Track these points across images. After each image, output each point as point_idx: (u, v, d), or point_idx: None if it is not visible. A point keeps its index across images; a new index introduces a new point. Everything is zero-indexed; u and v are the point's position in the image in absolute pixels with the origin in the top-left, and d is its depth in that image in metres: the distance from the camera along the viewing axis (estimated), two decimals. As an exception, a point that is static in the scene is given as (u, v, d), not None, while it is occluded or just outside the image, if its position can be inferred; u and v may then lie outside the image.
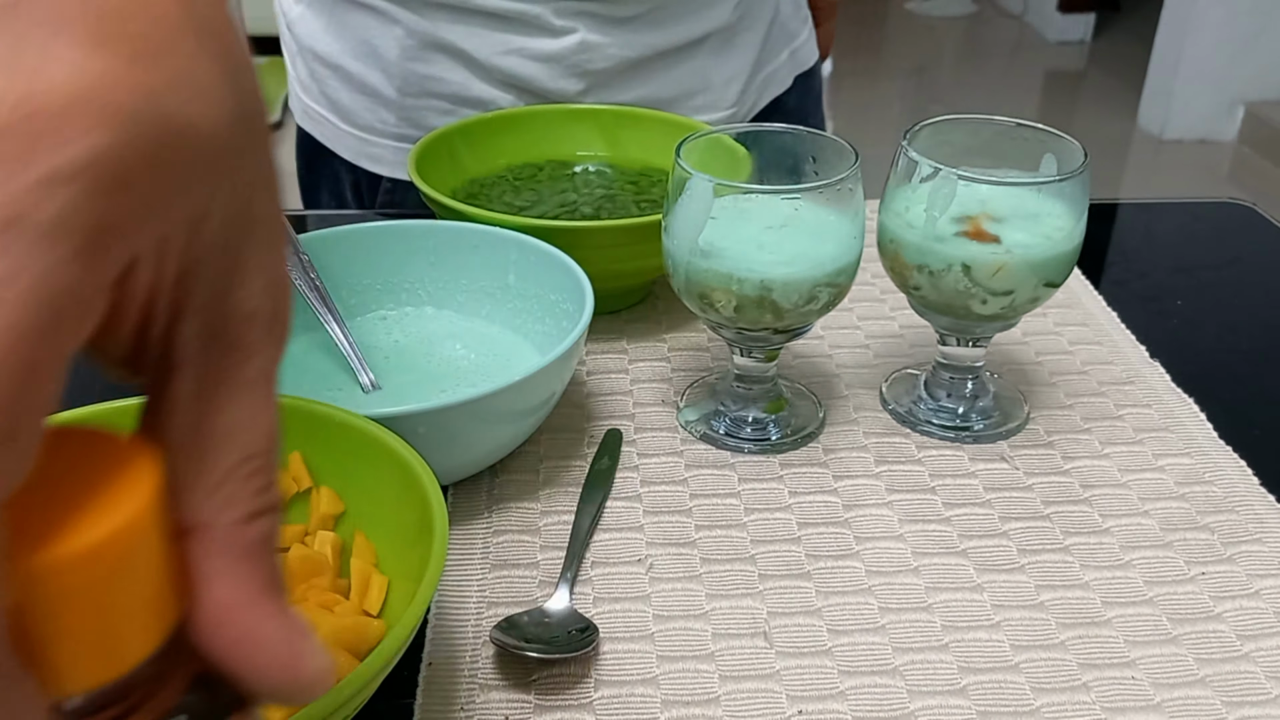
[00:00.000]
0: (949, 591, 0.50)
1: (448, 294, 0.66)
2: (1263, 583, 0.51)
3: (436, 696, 0.45)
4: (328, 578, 0.46)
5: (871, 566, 0.52)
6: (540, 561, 0.52)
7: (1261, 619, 0.49)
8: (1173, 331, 0.71)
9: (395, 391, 0.60)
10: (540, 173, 0.78)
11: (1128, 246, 0.82)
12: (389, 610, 0.45)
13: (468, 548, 0.52)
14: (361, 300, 0.65)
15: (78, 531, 0.20)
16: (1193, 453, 0.59)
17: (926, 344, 0.66)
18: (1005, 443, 0.60)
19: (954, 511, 0.55)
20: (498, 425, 0.53)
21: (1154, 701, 0.45)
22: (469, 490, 0.56)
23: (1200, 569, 0.52)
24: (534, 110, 0.80)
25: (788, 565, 0.52)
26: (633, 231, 0.64)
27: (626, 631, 0.48)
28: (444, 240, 0.65)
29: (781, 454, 0.59)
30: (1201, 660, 0.47)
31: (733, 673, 0.46)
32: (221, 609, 0.22)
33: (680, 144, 0.56)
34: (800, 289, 0.54)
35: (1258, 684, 0.46)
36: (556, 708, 0.45)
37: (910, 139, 0.58)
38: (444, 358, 0.63)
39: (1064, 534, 0.54)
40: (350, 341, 0.61)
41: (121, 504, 0.20)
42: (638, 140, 0.79)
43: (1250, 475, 0.58)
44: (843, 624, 0.48)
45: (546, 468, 0.57)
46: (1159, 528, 0.54)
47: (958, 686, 0.46)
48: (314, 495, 0.49)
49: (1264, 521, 0.54)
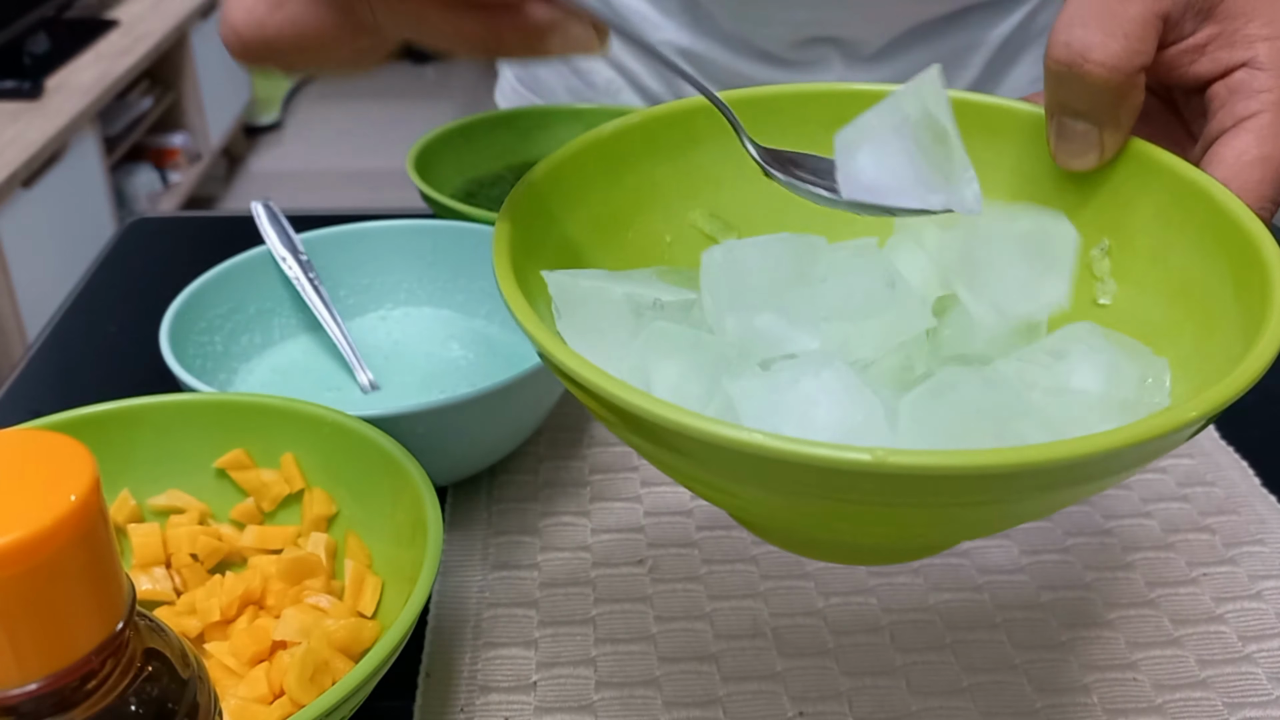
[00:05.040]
0: (950, 592, 0.50)
1: (448, 294, 0.65)
2: (1265, 584, 0.51)
3: (436, 697, 0.45)
4: (321, 579, 0.45)
5: (872, 567, 0.51)
6: (540, 562, 0.51)
7: (1264, 620, 0.49)
8: (1174, 331, 0.70)
9: (394, 391, 0.60)
10: (540, 172, 0.78)
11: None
12: (383, 611, 0.45)
13: (467, 548, 0.52)
14: (361, 300, 0.65)
15: (21, 523, 0.20)
16: (1194, 453, 0.59)
17: (927, 344, 0.66)
18: (1006, 443, 0.60)
19: (955, 512, 0.55)
20: (498, 425, 0.53)
21: (1156, 703, 0.45)
22: (468, 490, 0.56)
23: (1202, 570, 0.51)
24: (534, 110, 0.80)
25: (789, 566, 0.51)
26: (632, 231, 0.63)
27: (627, 632, 0.48)
28: (444, 240, 0.65)
29: (782, 454, 0.59)
30: (1203, 661, 0.47)
31: (734, 674, 0.46)
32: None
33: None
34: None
35: (1260, 685, 0.46)
36: (556, 709, 0.44)
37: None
38: (444, 358, 0.62)
39: (1065, 535, 0.53)
40: (349, 341, 0.61)
41: (63, 495, 0.21)
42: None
43: (1252, 476, 0.57)
44: (844, 625, 0.48)
45: (546, 468, 0.57)
46: (1160, 529, 0.54)
47: (959, 687, 0.45)
48: (306, 497, 0.49)
49: (1266, 522, 0.54)
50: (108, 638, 0.22)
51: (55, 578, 0.21)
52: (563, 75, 0.88)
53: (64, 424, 0.47)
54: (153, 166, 2.61)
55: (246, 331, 0.61)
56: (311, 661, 0.40)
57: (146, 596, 0.46)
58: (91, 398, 0.49)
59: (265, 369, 0.61)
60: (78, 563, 0.21)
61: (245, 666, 0.42)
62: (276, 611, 0.44)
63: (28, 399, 0.64)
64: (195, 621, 0.44)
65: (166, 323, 0.55)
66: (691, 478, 0.32)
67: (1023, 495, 0.29)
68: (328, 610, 0.44)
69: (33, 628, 0.21)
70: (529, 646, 0.47)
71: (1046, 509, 0.33)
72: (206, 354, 0.58)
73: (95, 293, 0.75)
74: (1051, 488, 0.29)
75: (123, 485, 0.48)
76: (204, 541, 0.47)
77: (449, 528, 0.53)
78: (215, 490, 0.49)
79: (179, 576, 0.47)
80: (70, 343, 0.70)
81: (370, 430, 0.47)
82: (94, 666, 0.22)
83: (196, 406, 0.49)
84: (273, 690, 0.41)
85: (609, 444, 0.59)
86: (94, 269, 0.78)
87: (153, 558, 0.46)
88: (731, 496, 0.32)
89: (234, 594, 0.44)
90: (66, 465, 0.22)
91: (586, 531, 0.53)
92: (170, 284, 0.59)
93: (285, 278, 0.63)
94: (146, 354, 0.55)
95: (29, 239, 1.91)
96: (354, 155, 3.16)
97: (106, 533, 0.22)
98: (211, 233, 0.87)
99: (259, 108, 3.27)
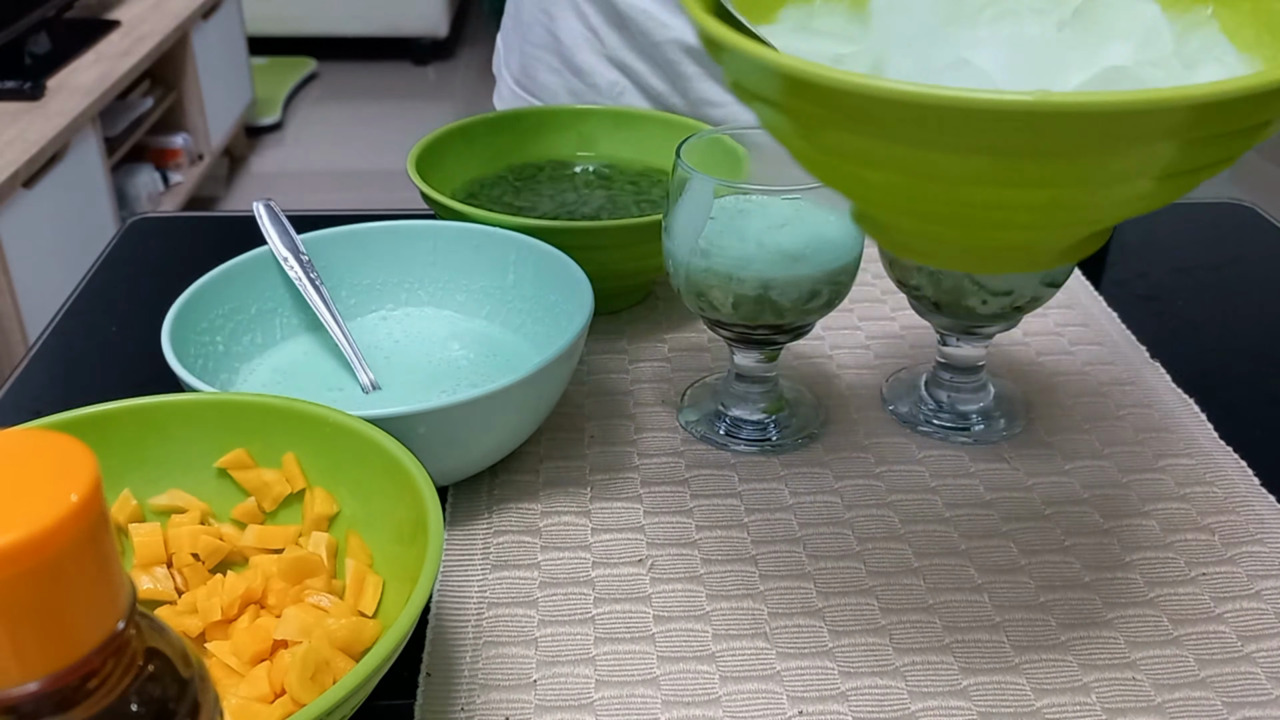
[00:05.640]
0: (950, 592, 0.50)
1: (448, 294, 0.66)
2: (1264, 583, 0.51)
3: (436, 697, 0.45)
4: (322, 579, 0.46)
5: (872, 567, 0.51)
6: (540, 562, 0.52)
7: (1263, 619, 0.49)
8: (1173, 331, 0.71)
9: (395, 391, 0.60)
10: (540, 173, 0.78)
11: (1128, 246, 0.82)
12: (384, 611, 0.45)
13: (468, 548, 0.52)
14: (361, 300, 0.65)
15: (22, 523, 0.20)
16: (1193, 453, 0.59)
17: (927, 344, 0.66)
18: (1006, 443, 0.60)
19: (955, 512, 0.55)
20: (498, 425, 0.53)
21: (1155, 702, 0.45)
22: (469, 490, 0.56)
23: (1201, 570, 0.52)
24: (534, 110, 0.80)
25: (788, 566, 0.51)
26: (633, 231, 0.64)
27: (627, 632, 0.48)
28: (444, 240, 0.65)
29: (782, 454, 0.59)
30: (1203, 661, 0.47)
31: (733, 673, 0.46)
32: None
33: (680, 144, 0.56)
34: (800, 288, 0.54)
35: (1259, 685, 0.46)
36: (557, 708, 0.44)
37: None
38: (444, 358, 0.63)
39: (1065, 535, 0.54)
40: (350, 341, 0.61)
41: (64, 495, 0.21)
42: (638, 140, 0.79)
43: (1251, 476, 0.57)
44: (844, 625, 0.48)
45: (547, 468, 0.57)
46: (1160, 528, 0.54)
47: (959, 688, 0.46)
48: (307, 496, 0.49)
49: (1265, 522, 0.54)
50: (109, 637, 0.22)
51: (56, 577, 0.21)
52: (564, 77, 0.88)
53: (65, 424, 0.47)
54: (154, 167, 2.61)
55: (248, 331, 0.61)
56: (312, 661, 0.40)
57: (148, 596, 0.46)
58: (93, 398, 0.49)
59: (266, 369, 0.61)
60: (79, 562, 0.21)
61: (246, 666, 0.42)
62: (277, 611, 0.44)
63: (29, 399, 0.64)
64: (196, 621, 0.44)
65: (168, 323, 0.55)
66: (867, 160, 0.38)
67: (1169, 134, 0.34)
68: (329, 610, 0.44)
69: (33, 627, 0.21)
70: (529, 646, 0.47)
71: (1183, 169, 0.37)
72: (208, 354, 0.58)
73: (96, 293, 0.75)
74: (1196, 126, 0.34)
75: (124, 485, 0.49)
76: (205, 541, 0.47)
77: (449, 527, 0.54)
78: (216, 490, 0.50)
79: (180, 576, 0.47)
80: (71, 343, 0.70)
81: (371, 430, 0.47)
82: (95, 666, 0.22)
83: (198, 406, 0.49)
84: (274, 689, 0.41)
85: (609, 444, 0.59)
86: (95, 269, 0.78)
87: (154, 557, 0.47)
88: (907, 175, 0.37)
89: (235, 593, 0.44)
90: (67, 465, 0.22)
91: (586, 531, 0.53)
92: (171, 284, 0.60)
93: (286, 278, 0.63)
94: (148, 354, 0.56)
95: (30, 239, 1.91)
96: (355, 155, 3.16)
97: (107, 532, 0.22)
98: (213, 233, 0.87)
99: (260, 108, 3.27)
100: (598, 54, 0.85)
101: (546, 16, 0.87)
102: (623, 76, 0.85)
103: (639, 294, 0.72)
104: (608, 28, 0.84)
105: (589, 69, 0.86)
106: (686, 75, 0.82)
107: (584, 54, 0.85)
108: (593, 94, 0.86)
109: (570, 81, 0.87)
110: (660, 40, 0.81)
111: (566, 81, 0.87)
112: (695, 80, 0.82)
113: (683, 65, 0.81)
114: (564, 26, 0.86)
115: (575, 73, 0.87)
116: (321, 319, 0.62)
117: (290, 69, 3.56)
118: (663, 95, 0.85)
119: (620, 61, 0.85)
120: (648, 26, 0.81)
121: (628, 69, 0.85)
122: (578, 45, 0.85)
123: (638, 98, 0.86)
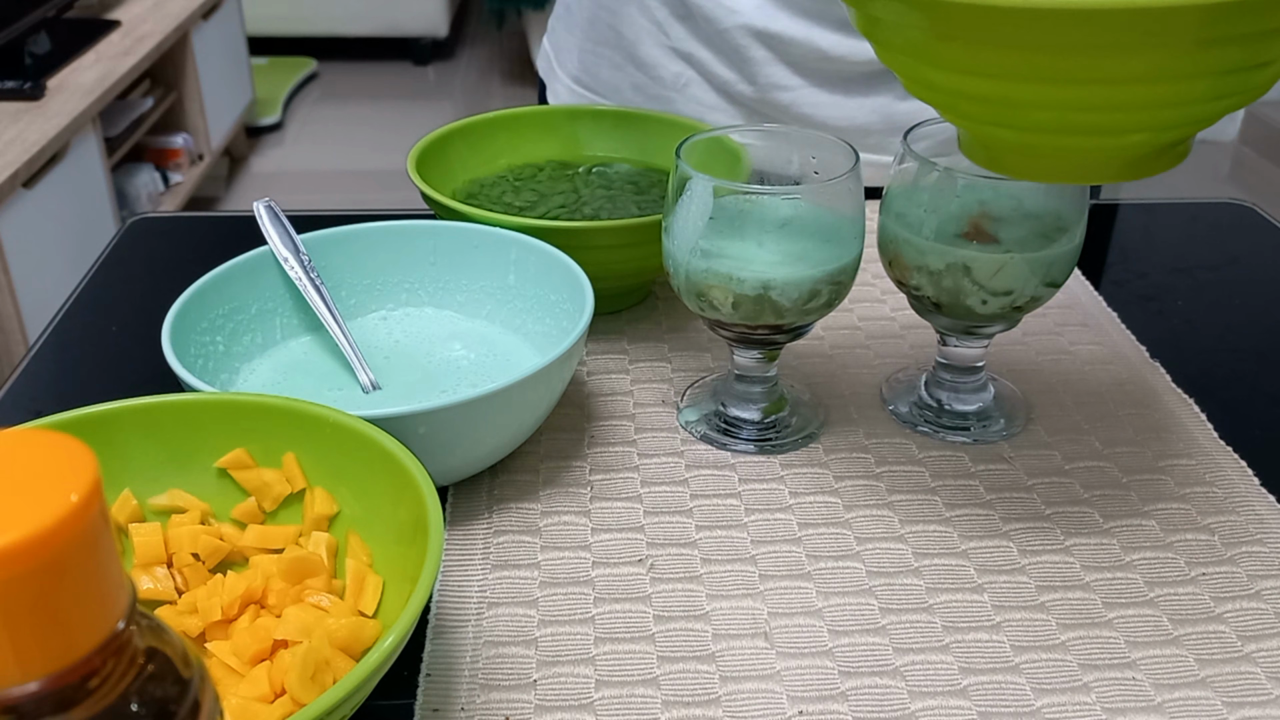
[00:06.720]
0: (950, 592, 0.50)
1: (448, 294, 0.66)
2: (1263, 583, 0.51)
3: (436, 696, 0.45)
4: (322, 578, 0.46)
5: (872, 567, 0.51)
6: (540, 562, 0.52)
7: (1263, 619, 0.49)
8: (1173, 331, 0.71)
9: (395, 391, 0.60)
10: (540, 173, 0.78)
11: (1128, 246, 0.82)
12: (384, 611, 0.45)
13: (468, 548, 0.52)
14: (361, 300, 0.65)
15: (22, 523, 0.20)
16: (1193, 453, 0.59)
17: (927, 344, 0.66)
18: (1006, 444, 0.60)
19: (955, 513, 0.55)
20: (498, 425, 0.53)
21: (1155, 702, 0.45)
22: (469, 491, 0.56)
23: (1201, 570, 0.52)
24: (534, 110, 0.80)
25: (788, 566, 0.51)
26: (633, 231, 0.64)
27: (627, 632, 0.48)
28: (444, 240, 0.65)
29: (782, 455, 0.59)
30: (1203, 661, 0.47)
31: (733, 673, 0.46)
32: None
33: (680, 144, 0.56)
34: (800, 288, 0.54)
35: (1259, 685, 0.46)
36: (557, 708, 0.44)
37: (911, 138, 0.58)
38: (444, 358, 0.63)
39: (1065, 535, 0.54)
40: (350, 341, 0.61)
41: (64, 495, 0.21)
42: (638, 140, 0.79)
43: (1251, 476, 0.57)
44: (843, 625, 0.48)
45: (546, 468, 0.57)
46: (1160, 529, 0.54)
47: (958, 687, 0.46)
48: (308, 496, 0.49)
49: (1265, 522, 0.54)
50: (109, 637, 0.22)
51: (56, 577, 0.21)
52: (627, 72, 0.87)
53: (65, 424, 0.47)
54: (154, 167, 2.61)
55: (248, 331, 0.61)
56: (312, 661, 0.40)
57: (148, 596, 0.46)
58: (93, 398, 0.49)
59: (267, 369, 0.61)
60: (79, 562, 0.21)
61: (246, 666, 0.42)
62: (278, 611, 0.44)
63: (29, 399, 0.64)
64: (196, 621, 0.44)
65: (168, 322, 0.55)
66: (982, 69, 0.43)
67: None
68: (329, 609, 0.44)
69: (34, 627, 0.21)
70: (529, 645, 0.47)
71: (1251, 65, 0.41)
72: (208, 354, 0.58)
73: (97, 293, 0.75)
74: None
75: (124, 485, 0.49)
76: (205, 541, 0.47)
77: (450, 527, 0.54)
78: (216, 490, 0.50)
79: (180, 576, 0.47)
80: (71, 343, 0.70)
81: (372, 430, 0.47)
82: (95, 666, 0.22)
83: (198, 406, 0.49)
84: (274, 689, 0.41)
85: (609, 444, 0.59)
86: (95, 269, 0.78)
87: (154, 557, 0.47)
88: (999, 82, 0.43)
89: (235, 593, 0.44)
90: (68, 465, 0.22)
91: (586, 531, 0.53)
92: (171, 284, 0.60)
93: (287, 278, 0.63)
94: (148, 354, 0.56)
95: (30, 239, 1.91)
96: (355, 155, 3.16)
97: (107, 532, 0.22)
98: (213, 233, 0.87)
99: (260, 108, 3.27)
100: (662, 46, 0.85)
101: (608, 13, 0.87)
102: (688, 68, 0.85)
103: (639, 294, 0.72)
104: (672, 19, 0.84)
105: (653, 62, 0.86)
106: (755, 60, 0.82)
107: (648, 47, 0.85)
108: (657, 87, 0.86)
109: (634, 76, 0.87)
110: (728, 26, 0.81)
111: (630, 76, 0.87)
112: (764, 65, 0.82)
113: (751, 50, 0.81)
114: (627, 21, 0.86)
115: (639, 67, 0.86)
116: (321, 319, 0.62)
117: (290, 69, 3.56)
118: (730, 83, 0.84)
119: (685, 53, 0.85)
120: (715, 14, 0.81)
121: (693, 59, 0.85)
122: (640, 39, 0.85)
123: (703, 88, 0.85)
